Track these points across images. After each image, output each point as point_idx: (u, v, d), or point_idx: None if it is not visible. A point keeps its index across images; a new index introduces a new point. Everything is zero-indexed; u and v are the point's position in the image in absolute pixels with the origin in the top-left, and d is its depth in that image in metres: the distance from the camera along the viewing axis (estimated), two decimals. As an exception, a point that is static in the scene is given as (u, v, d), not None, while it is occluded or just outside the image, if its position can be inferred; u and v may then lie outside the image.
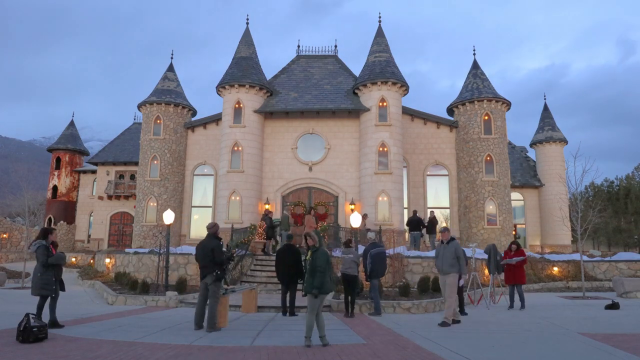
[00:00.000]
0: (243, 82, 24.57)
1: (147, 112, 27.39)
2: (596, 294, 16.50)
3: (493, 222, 24.53)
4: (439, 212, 26.02)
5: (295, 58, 28.28)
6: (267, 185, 24.86)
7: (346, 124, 25.26)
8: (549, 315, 11.28)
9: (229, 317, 10.30)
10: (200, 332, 8.82)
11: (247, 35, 27.16)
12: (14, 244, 34.31)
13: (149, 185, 26.39)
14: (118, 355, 6.67)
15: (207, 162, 27.12)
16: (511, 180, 28.06)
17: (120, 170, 33.51)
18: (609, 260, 20.11)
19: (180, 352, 6.90)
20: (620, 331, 8.88)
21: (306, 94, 25.70)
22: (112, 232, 33.00)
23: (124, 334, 8.58)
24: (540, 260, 20.12)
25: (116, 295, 14.39)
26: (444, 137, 26.59)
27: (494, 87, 26.91)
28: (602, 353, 6.83)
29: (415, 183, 25.94)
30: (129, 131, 36.27)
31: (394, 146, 23.63)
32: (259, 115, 25.09)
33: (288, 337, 8.39)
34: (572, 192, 20.56)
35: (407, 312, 12.45)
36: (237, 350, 7.19)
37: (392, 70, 24.70)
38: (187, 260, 18.25)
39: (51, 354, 6.66)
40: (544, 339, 8.07)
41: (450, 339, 8.10)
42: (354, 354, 6.86)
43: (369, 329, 9.54)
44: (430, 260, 17.56)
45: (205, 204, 26.78)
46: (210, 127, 27.48)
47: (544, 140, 31.97)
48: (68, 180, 35.45)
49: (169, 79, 28.69)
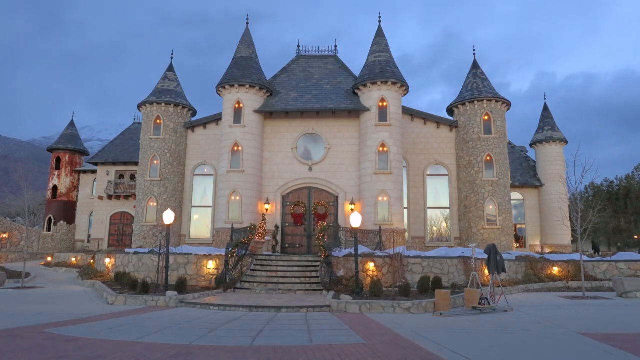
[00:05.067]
0: (243, 82, 24.56)
1: (147, 112, 27.39)
2: (596, 294, 16.51)
3: (493, 222, 24.53)
4: (439, 212, 26.04)
5: (295, 58, 28.27)
6: (267, 185, 24.86)
7: (346, 124, 25.25)
8: (549, 315, 11.27)
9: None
10: (201, 332, 8.82)
11: (247, 35, 27.15)
12: (14, 244, 34.30)
13: (149, 185, 26.39)
14: (118, 355, 6.67)
15: (207, 162, 27.11)
16: (511, 180, 28.05)
17: (120, 170, 33.49)
18: (609, 260, 20.09)
19: (180, 352, 6.90)
20: (620, 331, 8.88)
21: (306, 94, 25.69)
22: (112, 232, 32.99)
23: (124, 334, 8.58)
24: (540, 260, 20.10)
25: (116, 295, 14.38)
26: (444, 137, 26.58)
27: (493, 87, 26.91)
28: (602, 353, 6.83)
29: (415, 183, 25.94)
30: (129, 131, 36.26)
31: (394, 146, 23.62)
32: (259, 115, 25.08)
33: (288, 337, 8.39)
34: (572, 192, 20.58)
35: (407, 312, 12.45)
36: (237, 350, 7.19)
37: (392, 70, 24.69)
38: (187, 260, 18.27)
39: (51, 354, 6.66)
40: (544, 339, 8.06)
41: (450, 339, 8.10)
42: (354, 354, 6.86)
43: (369, 329, 9.54)
44: (430, 260, 17.58)
45: (205, 204, 26.78)
46: (210, 127, 27.48)
47: (544, 140, 31.96)
48: (68, 180, 35.44)
49: (169, 79, 28.68)
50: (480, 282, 14.11)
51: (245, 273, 18.08)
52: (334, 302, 13.04)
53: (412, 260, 17.46)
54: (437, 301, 12.66)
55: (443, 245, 23.67)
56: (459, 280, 16.92)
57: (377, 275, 17.16)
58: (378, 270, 17.40)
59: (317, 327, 9.91)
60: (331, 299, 13.46)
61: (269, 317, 11.52)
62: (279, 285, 17.12)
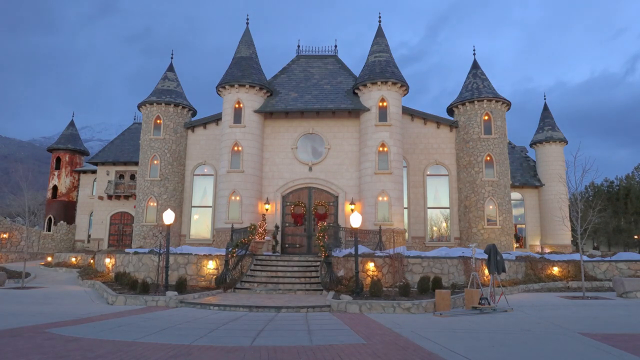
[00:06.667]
0: (243, 82, 24.56)
1: (147, 112, 27.39)
2: (596, 294, 16.50)
3: (493, 222, 24.53)
4: (439, 212, 26.05)
5: (295, 58, 28.28)
6: (267, 185, 24.86)
7: (346, 124, 25.26)
8: (549, 315, 11.28)
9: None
10: (201, 332, 8.82)
11: (247, 35, 27.15)
12: (14, 244, 34.29)
13: (149, 185, 26.40)
14: (118, 355, 6.67)
15: (207, 162, 27.11)
16: (511, 180, 28.05)
17: (120, 170, 33.49)
18: (609, 260, 20.08)
19: (180, 352, 6.90)
20: (620, 331, 8.88)
21: (306, 93, 25.70)
22: (112, 232, 32.99)
23: (124, 334, 8.58)
24: (540, 260, 20.10)
25: (116, 295, 14.39)
26: (444, 137, 26.59)
27: (493, 87, 26.91)
28: (602, 353, 6.83)
29: (415, 183, 25.94)
30: (129, 131, 36.25)
31: (393, 146, 23.63)
32: (259, 115, 25.08)
33: (288, 337, 8.39)
34: (572, 192, 20.57)
35: (407, 312, 12.45)
36: (237, 350, 7.19)
37: (392, 70, 24.70)
38: (187, 260, 18.27)
39: (51, 354, 6.66)
40: (544, 339, 8.07)
41: (450, 339, 8.10)
42: (354, 354, 6.86)
43: (369, 329, 9.54)
44: (430, 260, 17.58)
45: (205, 204, 26.78)
46: (210, 127, 27.48)
47: (544, 140, 31.96)
48: (68, 180, 35.44)
49: (169, 79, 28.68)
50: (480, 282, 14.10)
51: (245, 273, 18.08)
52: (334, 302, 13.04)
53: (412, 260, 17.45)
54: (437, 301, 12.66)
55: (443, 245, 23.67)
56: (459, 280, 16.92)
57: (377, 275, 17.16)
58: (378, 270, 17.41)
59: (317, 327, 9.91)
60: (331, 299, 13.46)
61: (269, 317, 11.52)
62: (279, 285, 17.13)
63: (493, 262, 14.08)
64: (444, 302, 12.51)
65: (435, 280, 15.35)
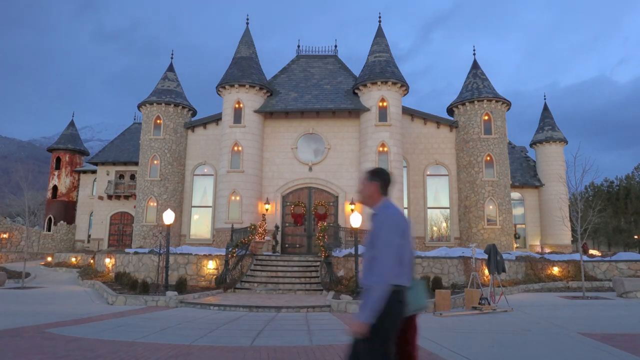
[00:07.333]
0: (243, 82, 24.56)
1: (147, 112, 27.38)
2: (596, 294, 16.50)
3: (493, 222, 24.52)
4: (439, 212, 26.04)
5: (295, 58, 28.28)
6: (267, 185, 24.86)
7: (346, 124, 25.26)
8: (549, 315, 11.28)
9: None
10: (201, 332, 8.81)
11: (247, 35, 27.15)
12: (14, 244, 34.30)
13: (149, 185, 26.39)
14: (118, 355, 6.67)
15: (207, 162, 27.11)
16: (511, 180, 28.03)
17: (120, 170, 33.49)
18: (609, 260, 20.08)
19: (180, 352, 6.90)
20: (620, 331, 8.88)
21: (306, 94, 25.70)
22: (112, 232, 32.98)
23: (124, 334, 8.58)
24: (540, 260, 20.10)
25: (116, 295, 14.38)
26: (443, 137, 26.58)
27: (493, 87, 26.91)
28: (602, 353, 6.83)
29: (415, 183, 25.94)
30: (129, 131, 36.24)
31: (394, 146, 23.63)
32: (259, 115, 25.08)
33: (288, 337, 8.39)
34: (572, 192, 20.57)
35: (407, 312, 12.42)
36: (237, 350, 7.19)
37: (392, 70, 24.69)
38: (187, 260, 18.27)
39: (51, 354, 6.66)
40: (543, 339, 8.07)
41: (450, 339, 8.10)
42: (354, 354, 6.85)
43: (369, 329, 9.52)
44: (430, 260, 17.58)
45: (205, 204, 26.77)
46: (210, 127, 27.47)
47: (544, 140, 31.95)
48: (68, 180, 35.44)
49: (169, 79, 28.67)
50: (480, 282, 14.11)
51: (245, 273, 18.08)
52: (334, 302, 13.04)
53: (412, 260, 17.42)
54: (437, 301, 12.65)
55: (443, 245, 23.66)
56: (459, 280, 16.92)
57: (377, 275, 17.12)
58: (378, 270, 17.36)
59: (317, 327, 9.91)
60: (331, 299, 13.46)
61: (269, 317, 11.52)
62: (279, 285, 17.12)
63: (493, 262, 14.08)
64: (444, 302, 12.51)
65: (435, 280, 15.35)
